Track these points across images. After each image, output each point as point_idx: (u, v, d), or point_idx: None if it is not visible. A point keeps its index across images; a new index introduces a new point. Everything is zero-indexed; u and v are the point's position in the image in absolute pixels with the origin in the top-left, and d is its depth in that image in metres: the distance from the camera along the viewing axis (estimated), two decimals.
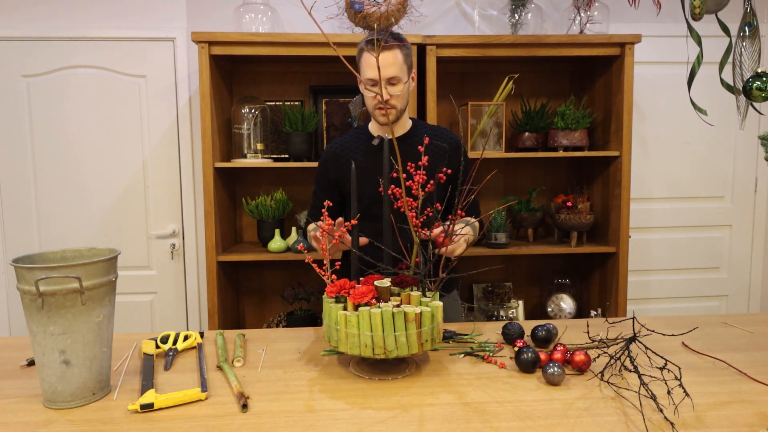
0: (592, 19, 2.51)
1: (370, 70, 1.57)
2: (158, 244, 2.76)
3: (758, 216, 3.00)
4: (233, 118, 2.55)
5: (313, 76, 2.72)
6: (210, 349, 1.37)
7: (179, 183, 2.73)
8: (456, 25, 2.75)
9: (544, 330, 1.35)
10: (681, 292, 3.01)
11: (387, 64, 1.56)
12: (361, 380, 1.16)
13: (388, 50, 1.56)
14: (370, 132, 1.73)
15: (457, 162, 1.72)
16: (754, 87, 1.29)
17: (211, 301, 2.39)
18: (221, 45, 2.29)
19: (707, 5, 1.33)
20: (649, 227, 2.95)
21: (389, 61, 1.56)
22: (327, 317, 1.19)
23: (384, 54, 1.55)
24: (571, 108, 2.53)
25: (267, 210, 2.50)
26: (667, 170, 2.92)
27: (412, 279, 1.24)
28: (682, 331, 1.47)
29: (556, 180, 2.88)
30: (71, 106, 2.65)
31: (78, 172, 2.68)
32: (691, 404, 1.04)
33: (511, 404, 1.05)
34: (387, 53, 1.56)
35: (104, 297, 1.07)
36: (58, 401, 1.04)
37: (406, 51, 1.60)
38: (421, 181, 1.27)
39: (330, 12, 2.62)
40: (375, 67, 1.55)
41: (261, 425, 0.97)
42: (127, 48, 2.64)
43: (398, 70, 1.57)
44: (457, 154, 1.71)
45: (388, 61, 1.56)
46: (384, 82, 1.57)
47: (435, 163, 1.69)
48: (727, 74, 1.52)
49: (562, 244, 2.61)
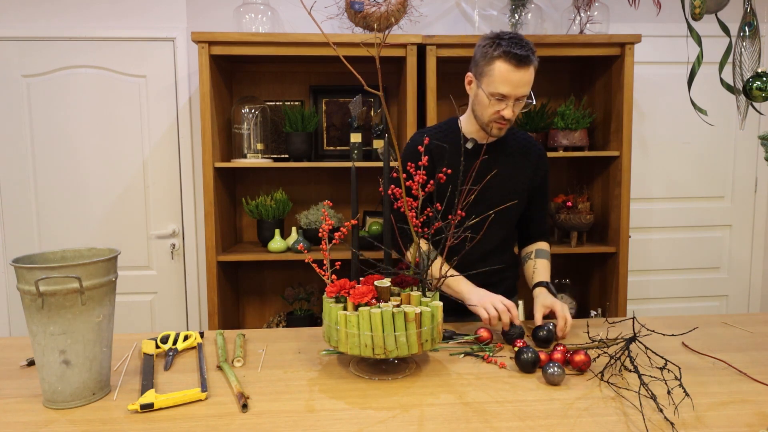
0: (592, 19, 2.51)
1: (505, 85, 1.41)
2: (158, 244, 2.76)
3: (758, 216, 3.00)
4: (233, 118, 2.55)
5: (313, 76, 2.72)
6: (210, 349, 1.37)
7: (179, 183, 2.73)
8: (456, 25, 2.75)
9: (545, 330, 1.36)
10: (681, 292, 3.01)
11: (524, 82, 1.42)
12: (361, 380, 1.16)
13: (529, 65, 1.41)
14: (461, 131, 1.61)
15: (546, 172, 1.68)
16: (754, 87, 1.29)
17: (211, 301, 2.39)
18: (221, 45, 2.29)
19: (707, 5, 1.33)
20: (649, 227, 2.95)
21: (527, 79, 1.42)
22: (327, 317, 1.19)
23: (525, 71, 1.41)
24: (571, 108, 2.53)
25: (267, 210, 2.50)
26: (667, 170, 2.92)
27: (412, 279, 1.24)
28: (682, 331, 1.47)
29: (556, 180, 2.88)
30: (71, 106, 2.65)
31: (78, 172, 2.68)
32: (691, 404, 1.04)
33: (511, 404, 1.05)
34: (528, 70, 1.41)
35: (104, 297, 1.07)
36: (58, 401, 1.04)
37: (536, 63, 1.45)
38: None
39: (330, 12, 2.62)
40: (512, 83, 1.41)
41: (261, 425, 0.97)
42: (127, 48, 2.64)
43: (530, 87, 1.45)
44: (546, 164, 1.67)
45: (525, 80, 1.42)
46: (513, 99, 1.44)
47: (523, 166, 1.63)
48: (727, 74, 1.52)
49: (562, 244, 2.61)
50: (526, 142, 1.66)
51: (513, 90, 1.42)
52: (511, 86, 1.41)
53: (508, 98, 1.44)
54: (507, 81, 1.41)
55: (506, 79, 1.41)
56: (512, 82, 1.41)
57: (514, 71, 1.40)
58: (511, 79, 1.41)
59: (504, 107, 1.45)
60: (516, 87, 1.42)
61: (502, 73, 1.41)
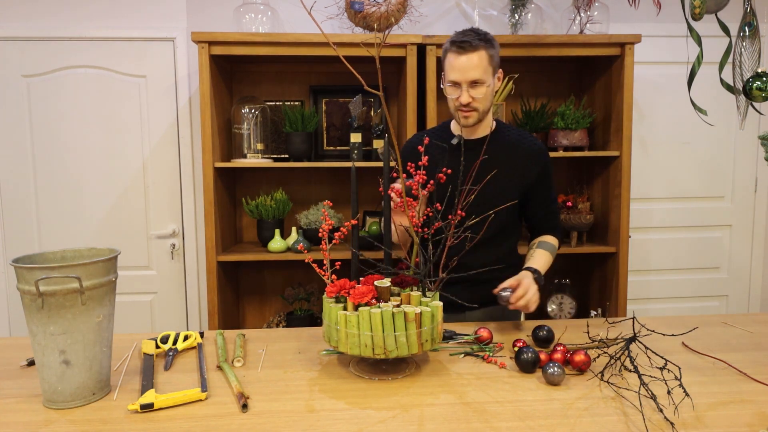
0: (592, 19, 2.51)
1: (453, 71, 1.50)
2: (158, 244, 2.76)
3: (758, 216, 3.00)
4: (233, 118, 2.55)
5: (313, 76, 2.72)
6: (210, 349, 1.37)
7: (179, 183, 2.73)
8: (456, 25, 2.74)
9: (545, 330, 1.36)
10: (681, 292, 3.01)
11: (471, 66, 1.48)
12: (361, 380, 1.16)
13: (472, 51, 1.48)
14: (451, 130, 1.69)
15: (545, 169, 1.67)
16: (754, 87, 1.29)
17: (211, 301, 2.39)
18: (221, 45, 2.29)
19: (707, 5, 1.33)
20: (649, 227, 2.95)
21: (473, 63, 1.49)
22: (327, 317, 1.19)
23: (468, 56, 1.48)
24: (571, 108, 2.53)
25: (267, 210, 2.50)
26: (667, 170, 2.92)
27: (412, 279, 1.24)
28: (682, 331, 1.47)
29: (556, 180, 2.87)
30: (71, 106, 2.65)
31: (78, 172, 2.68)
32: (691, 404, 1.04)
33: (511, 404, 1.05)
34: (471, 55, 1.48)
35: (104, 297, 1.07)
36: (58, 401, 1.04)
37: (492, 51, 1.52)
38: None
39: (330, 12, 2.62)
40: (457, 69, 1.49)
41: (261, 425, 0.97)
42: (127, 48, 2.64)
43: (482, 73, 1.50)
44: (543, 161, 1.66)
45: (472, 64, 1.48)
46: (466, 84, 1.50)
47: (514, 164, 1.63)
48: (727, 74, 1.52)
49: (562, 244, 2.60)
50: (520, 140, 1.66)
51: (462, 75, 1.50)
52: (459, 72, 1.50)
53: (460, 84, 1.51)
54: (454, 67, 1.51)
55: (453, 66, 1.51)
56: (459, 68, 1.50)
57: (458, 57, 1.50)
58: (456, 65, 1.50)
59: (459, 93, 1.53)
60: (464, 72, 1.50)
61: (450, 62, 1.52)
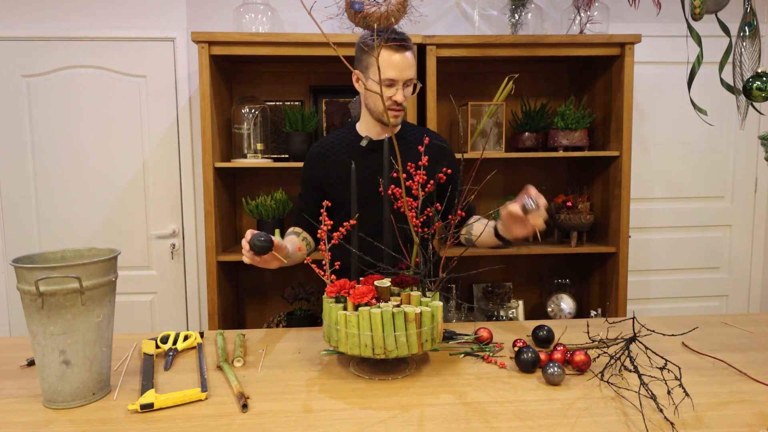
0: (592, 19, 2.51)
1: (390, 69, 1.52)
2: (158, 244, 2.76)
3: (758, 216, 3.00)
4: (233, 118, 2.55)
5: (313, 76, 2.72)
6: (210, 349, 1.37)
7: (179, 183, 2.73)
8: (456, 25, 2.75)
9: (545, 330, 1.36)
10: (681, 292, 3.01)
11: (408, 65, 1.52)
12: (361, 380, 1.16)
13: (407, 50, 1.52)
14: (357, 132, 1.68)
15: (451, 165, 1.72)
16: (754, 87, 1.29)
17: (211, 301, 2.39)
18: (221, 45, 2.29)
19: (707, 5, 1.33)
20: (649, 227, 2.95)
21: (409, 62, 1.52)
22: (327, 317, 1.19)
23: (404, 54, 1.51)
24: (571, 108, 2.53)
25: (267, 210, 2.50)
26: (667, 170, 2.92)
27: (412, 279, 1.24)
28: (682, 331, 1.47)
29: (556, 180, 2.88)
30: (71, 106, 2.65)
31: (78, 172, 2.68)
32: (691, 404, 1.04)
33: (511, 404, 1.05)
34: (406, 54, 1.52)
35: (104, 297, 1.07)
36: (58, 401, 1.04)
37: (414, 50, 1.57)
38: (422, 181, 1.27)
39: (330, 12, 2.62)
40: (395, 67, 1.51)
41: (261, 425, 0.97)
42: (127, 48, 2.64)
43: (414, 72, 1.55)
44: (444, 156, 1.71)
45: (408, 62, 1.52)
46: (401, 83, 1.53)
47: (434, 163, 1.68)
48: (727, 74, 1.52)
49: (562, 244, 2.61)
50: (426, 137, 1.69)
51: (399, 73, 1.52)
52: (398, 70, 1.52)
53: (396, 82, 1.53)
54: (391, 65, 1.52)
55: (390, 64, 1.52)
56: (396, 66, 1.52)
57: (394, 55, 1.52)
58: (394, 63, 1.51)
59: (395, 92, 1.54)
60: (401, 70, 1.52)
61: (386, 60, 1.52)
